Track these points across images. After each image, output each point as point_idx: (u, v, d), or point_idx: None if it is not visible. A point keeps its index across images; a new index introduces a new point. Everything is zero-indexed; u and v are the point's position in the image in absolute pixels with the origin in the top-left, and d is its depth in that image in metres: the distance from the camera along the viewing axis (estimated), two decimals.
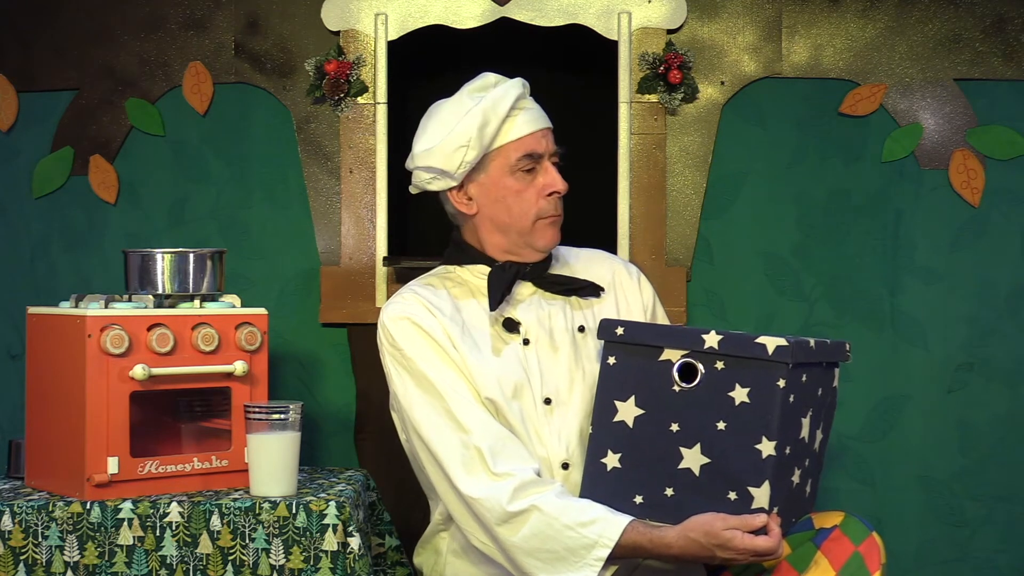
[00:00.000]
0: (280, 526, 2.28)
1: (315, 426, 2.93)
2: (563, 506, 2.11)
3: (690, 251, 2.94)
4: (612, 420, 2.15)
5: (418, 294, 2.33)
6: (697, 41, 2.94)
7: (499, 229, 2.36)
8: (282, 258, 2.97)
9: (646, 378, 2.12)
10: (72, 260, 2.99)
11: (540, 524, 2.11)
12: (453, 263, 2.43)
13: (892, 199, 2.94)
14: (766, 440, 2.03)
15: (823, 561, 2.05)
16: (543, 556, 2.11)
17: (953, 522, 2.93)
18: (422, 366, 2.26)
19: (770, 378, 2.03)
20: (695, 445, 2.08)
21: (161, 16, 2.97)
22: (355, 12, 2.93)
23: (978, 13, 2.93)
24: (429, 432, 2.23)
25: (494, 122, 2.30)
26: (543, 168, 2.34)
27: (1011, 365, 2.93)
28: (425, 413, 2.24)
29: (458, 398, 2.23)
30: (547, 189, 2.34)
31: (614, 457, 2.15)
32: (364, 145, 2.95)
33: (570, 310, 2.39)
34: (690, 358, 2.10)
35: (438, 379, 2.25)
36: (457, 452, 2.19)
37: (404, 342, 2.28)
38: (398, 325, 2.29)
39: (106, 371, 2.32)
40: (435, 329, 2.28)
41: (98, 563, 2.26)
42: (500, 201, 2.34)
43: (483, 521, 2.16)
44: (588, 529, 2.08)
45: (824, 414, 2.22)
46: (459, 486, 2.18)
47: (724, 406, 2.06)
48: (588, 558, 2.07)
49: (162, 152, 2.98)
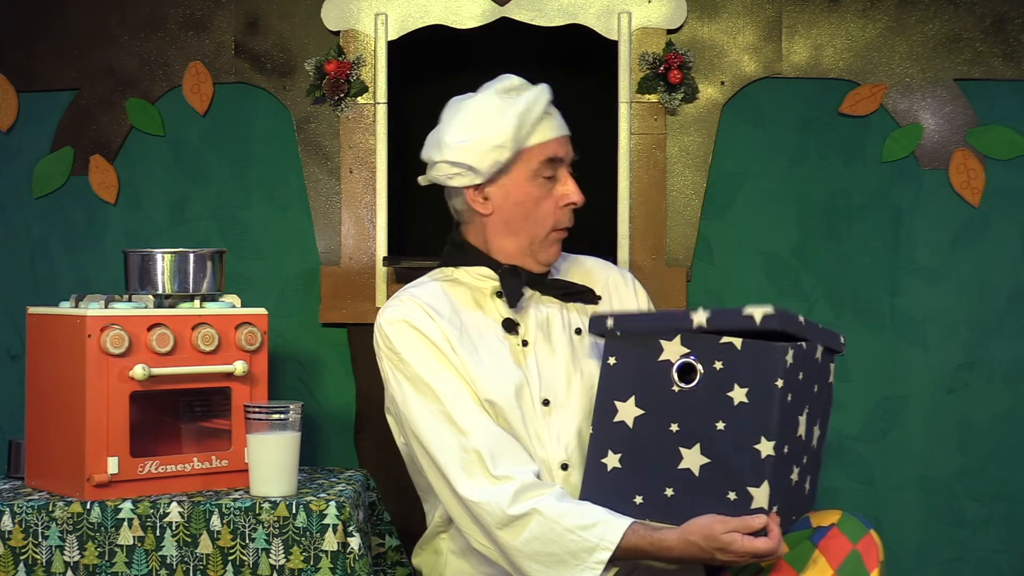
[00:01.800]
0: (280, 526, 2.28)
1: (315, 426, 2.93)
2: (564, 510, 2.11)
3: (690, 251, 2.94)
4: (612, 420, 2.15)
5: (415, 297, 2.31)
6: (697, 41, 2.94)
7: (512, 233, 2.34)
8: (282, 258, 2.97)
9: (646, 378, 2.12)
10: (72, 260, 2.99)
11: (541, 528, 2.11)
12: (451, 264, 2.41)
13: (892, 199, 2.94)
14: (765, 440, 2.03)
15: (821, 560, 2.05)
16: (544, 559, 2.11)
17: (953, 522, 2.93)
18: (419, 370, 2.25)
19: (768, 378, 2.03)
20: (695, 445, 2.08)
21: (161, 16, 2.97)
22: (355, 12, 2.93)
23: (978, 13, 2.93)
24: (427, 436, 2.22)
25: (528, 125, 2.28)
26: (562, 177, 2.33)
27: (1011, 365, 2.93)
28: (423, 417, 2.23)
29: (456, 401, 2.22)
30: (564, 200, 2.32)
31: (614, 457, 2.15)
32: (364, 145, 2.95)
33: (567, 312, 2.38)
34: (689, 358, 2.10)
35: (436, 383, 2.24)
36: (456, 455, 2.19)
37: (401, 346, 2.27)
38: (395, 328, 2.28)
39: (106, 371, 2.32)
40: (433, 332, 2.26)
41: (98, 563, 2.26)
42: (519, 206, 2.32)
43: (484, 525, 2.16)
44: (589, 532, 2.08)
45: (821, 410, 2.22)
46: (459, 490, 2.17)
47: (723, 406, 2.06)
48: (589, 561, 2.07)
49: (162, 152, 2.98)
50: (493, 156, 2.28)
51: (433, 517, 2.37)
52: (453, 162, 2.31)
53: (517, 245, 2.34)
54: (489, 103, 2.31)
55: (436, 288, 2.36)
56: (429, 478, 2.26)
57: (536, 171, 2.31)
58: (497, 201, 2.33)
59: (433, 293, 2.34)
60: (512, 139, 2.27)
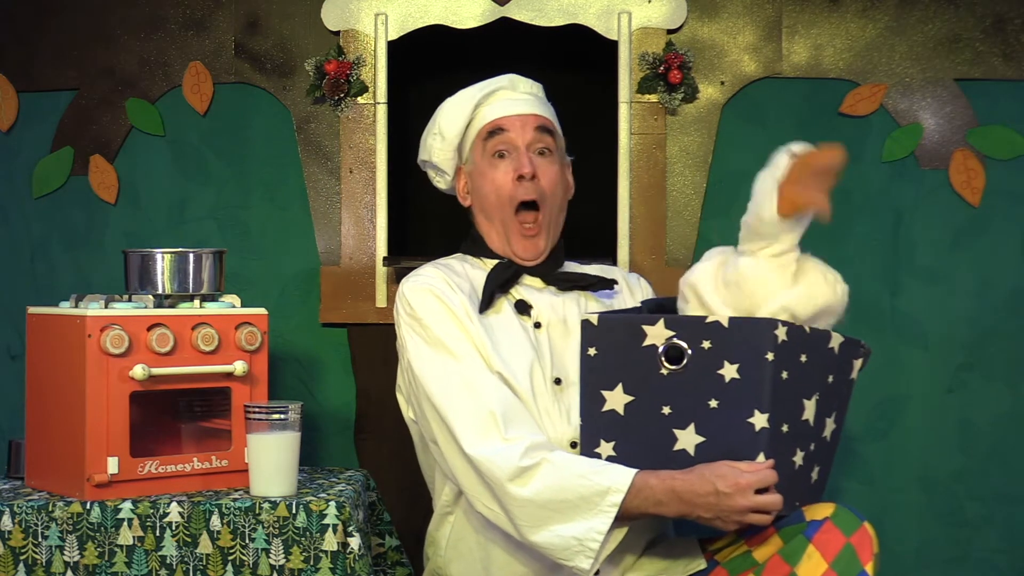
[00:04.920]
0: (280, 526, 2.28)
1: (315, 426, 2.93)
2: (573, 458, 2.13)
3: (690, 251, 2.94)
4: (601, 410, 2.15)
5: (439, 269, 2.38)
6: (697, 41, 2.94)
7: (488, 219, 2.43)
8: (282, 258, 2.98)
9: (632, 364, 2.12)
10: (72, 260, 2.99)
11: (552, 475, 2.11)
12: (469, 253, 2.48)
13: (892, 199, 2.94)
14: (758, 413, 2.03)
15: (815, 554, 2.05)
16: (556, 506, 2.10)
17: (953, 522, 2.93)
18: (439, 332, 2.28)
19: (758, 352, 2.03)
20: (688, 426, 2.09)
21: (161, 16, 2.97)
22: (355, 12, 2.93)
23: (978, 13, 2.93)
24: (441, 396, 2.24)
25: (464, 107, 2.40)
26: (515, 154, 2.39)
27: (1011, 365, 2.93)
28: (438, 376, 2.25)
29: (474, 364, 2.25)
30: (515, 172, 2.37)
31: (607, 446, 2.15)
32: (364, 145, 2.95)
33: (584, 301, 2.42)
34: (675, 340, 2.10)
35: (454, 345, 2.26)
36: (470, 415, 2.20)
37: (423, 310, 2.30)
38: (418, 295, 2.32)
39: (106, 371, 2.32)
40: (454, 302, 2.30)
41: (98, 563, 2.26)
42: (482, 187, 2.41)
43: (493, 481, 2.15)
44: (600, 476, 2.08)
45: (838, 404, 2.22)
46: (469, 448, 2.18)
47: (715, 384, 2.06)
48: (602, 504, 2.07)
49: (162, 152, 2.98)
50: (433, 143, 2.44)
51: (439, 499, 2.37)
52: (422, 163, 2.50)
53: (496, 233, 2.43)
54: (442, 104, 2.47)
55: (457, 265, 2.43)
56: (438, 440, 2.26)
57: (486, 149, 2.40)
58: (472, 189, 2.46)
59: (455, 269, 2.41)
60: (449, 125, 2.41)
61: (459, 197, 2.49)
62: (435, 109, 2.48)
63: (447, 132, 2.43)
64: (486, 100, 2.42)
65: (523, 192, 2.37)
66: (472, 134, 2.42)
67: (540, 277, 2.42)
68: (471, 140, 2.43)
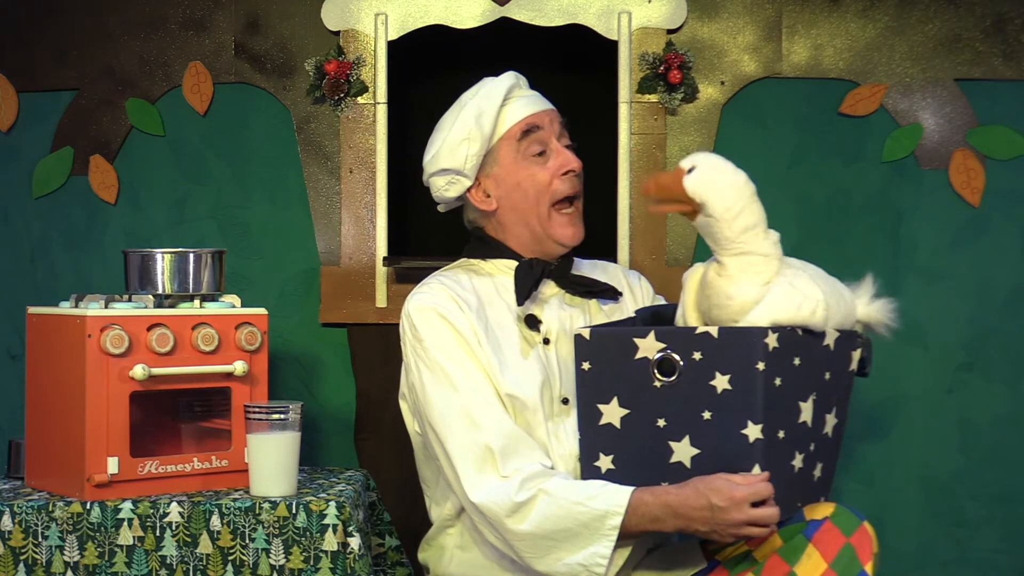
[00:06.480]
0: (280, 526, 2.28)
1: (315, 426, 2.93)
2: (568, 485, 2.12)
3: (690, 251, 2.94)
4: (598, 424, 2.15)
5: (446, 285, 2.32)
6: (697, 41, 2.94)
7: (521, 219, 2.36)
8: (282, 258, 2.97)
9: (625, 377, 2.12)
10: (72, 260, 2.99)
11: (549, 506, 2.11)
12: (475, 256, 2.42)
13: (892, 199, 2.94)
14: (751, 424, 2.03)
15: (815, 553, 2.05)
16: (558, 536, 2.10)
17: (953, 522, 2.93)
18: (442, 360, 2.25)
19: (748, 362, 2.03)
20: (684, 438, 2.08)
21: (161, 16, 2.97)
22: (355, 12, 2.93)
23: (978, 13, 2.93)
24: (442, 427, 2.23)
25: (490, 110, 2.33)
26: (553, 148, 2.35)
27: (1011, 365, 2.93)
28: (440, 409, 2.23)
29: (474, 395, 2.22)
30: (561, 169, 2.34)
31: (606, 459, 2.15)
32: (364, 145, 2.95)
33: (589, 316, 2.39)
34: (666, 352, 2.10)
35: (457, 375, 2.24)
36: (468, 452, 2.19)
37: (426, 333, 2.27)
38: (423, 315, 2.28)
39: (106, 371, 2.32)
40: (461, 322, 2.27)
41: (98, 563, 2.26)
42: (517, 188, 2.34)
43: (493, 520, 2.16)
44: (596, 501, 2.08)
45: (838, 398, 2.22)
46: (469, 494, 2.18)
47: (707, 395, 2.06)
48: (603, 528, 2.07)
49: (162, 152, 2.98)
50: (463, 149, 2.33)
51: (441, 512, 2.37)
52: (438, 172, 2.37)
53: (530, 230, 2.36)
54: (455, 107, 2.39)
55: (464, 278, 2.37)
56: (443, 470, 2.26)
57: (519, 149, 2.35)
58: (498, 193, 2.36)
59: (462, 283, 2.35)
60: (475, 127, 2.32)
61: (475, 203, 2.38)
62: (435, 109, 2.46)
63: (487, 131, 2.33)
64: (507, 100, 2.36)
65: (569, 186, 2.35)
66: (499, 135, 2.35)
67: (555, 280, 2.40)
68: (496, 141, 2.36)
